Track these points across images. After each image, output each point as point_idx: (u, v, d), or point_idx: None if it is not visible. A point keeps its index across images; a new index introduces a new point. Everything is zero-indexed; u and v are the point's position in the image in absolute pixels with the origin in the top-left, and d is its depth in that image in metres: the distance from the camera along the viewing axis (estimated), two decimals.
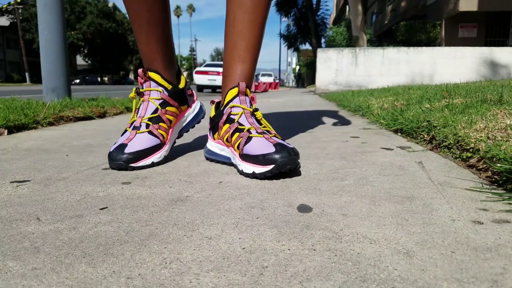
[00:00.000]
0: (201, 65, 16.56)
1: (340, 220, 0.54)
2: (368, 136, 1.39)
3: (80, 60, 43.86)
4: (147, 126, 0.92)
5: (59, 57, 2.66)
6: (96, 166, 0.90)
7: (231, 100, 0.90)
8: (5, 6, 31.99)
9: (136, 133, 0.90)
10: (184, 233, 0.50)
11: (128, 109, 2.62)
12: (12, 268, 0.40)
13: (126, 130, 0.93)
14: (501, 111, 1.12)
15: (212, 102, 0.99)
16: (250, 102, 0.90)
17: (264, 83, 12.92)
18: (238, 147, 0.82)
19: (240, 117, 0.87)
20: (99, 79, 40.06)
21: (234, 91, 0.89)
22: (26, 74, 27.29)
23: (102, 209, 0.60)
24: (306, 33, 23.92)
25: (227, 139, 0.88)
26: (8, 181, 0.77)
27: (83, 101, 2.57)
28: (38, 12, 2.59)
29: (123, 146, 0.87)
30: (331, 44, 15.13)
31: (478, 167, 0.82)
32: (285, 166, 0.74)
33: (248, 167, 0.77)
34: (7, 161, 0.97)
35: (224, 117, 0.89)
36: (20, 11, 30.68)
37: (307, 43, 25.61)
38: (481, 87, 2.13)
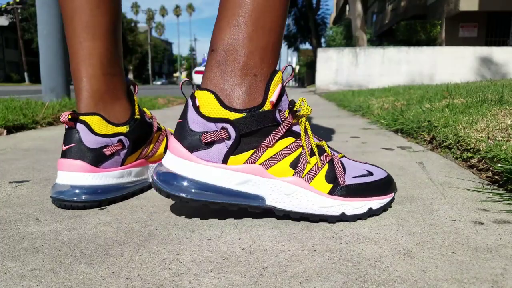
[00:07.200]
0: (200, 64, 16.53)
1: None
2: (368, 136, 1.39)
3: None
4: None
5: (58, 57, 2.66)
6: None
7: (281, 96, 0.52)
8: (4, 5, 31.96)
9: None
10: (184, 234, 0.49)
11: None
12: (11, 269, 0.40)
13: None
14: (501, 111, 1.12)
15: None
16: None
17: None
18: (325, 178, 0.53)
19: (305, 127, 0.53)
20: None
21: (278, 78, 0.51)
22: (25, 74, 27.28)
23: (101, 209, 0.59)
24: (306, 32, 23.92)
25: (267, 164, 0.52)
26: (7, 181, 0.77)
27: None
28: (37, 12, 2.59)
29: None
30: (331, 43, 15.13)
31: (479, 167, 0.81)
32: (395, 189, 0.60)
33: (359, 205, 0.54)
34: (6, 161, 0.97)
35: (284, 128, 0.51)
36: (19, 10, 30.66)
37: (307, 43, 25.63)
38: (482, 87, 2.13)
